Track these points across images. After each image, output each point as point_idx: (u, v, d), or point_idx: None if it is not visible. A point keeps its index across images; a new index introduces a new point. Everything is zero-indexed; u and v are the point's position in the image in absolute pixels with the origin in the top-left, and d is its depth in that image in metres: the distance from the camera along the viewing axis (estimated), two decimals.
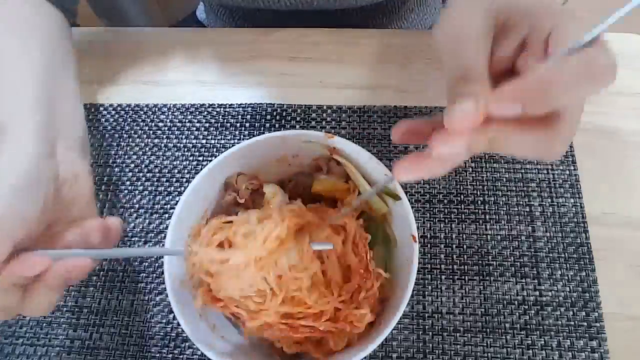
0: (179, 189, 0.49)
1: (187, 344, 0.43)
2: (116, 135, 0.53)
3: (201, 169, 0.41)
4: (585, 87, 0.23)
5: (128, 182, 0.50)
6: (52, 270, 0.31)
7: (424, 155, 0.25)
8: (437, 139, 0.24)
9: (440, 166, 0.26)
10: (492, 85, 0.25)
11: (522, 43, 0.27)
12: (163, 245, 0.40)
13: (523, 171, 0.48)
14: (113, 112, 0.54)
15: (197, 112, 0.53)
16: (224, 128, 0.52)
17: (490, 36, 0.27)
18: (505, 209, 0.47)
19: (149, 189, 0.50)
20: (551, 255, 0.45)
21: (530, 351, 0.41)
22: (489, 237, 0.46)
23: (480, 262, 0.45)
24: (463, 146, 0.24)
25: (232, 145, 0.42)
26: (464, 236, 0.46)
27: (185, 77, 0.56)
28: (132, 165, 0.51)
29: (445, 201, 0.47)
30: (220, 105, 0.54)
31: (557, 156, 0.26)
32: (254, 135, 0.48)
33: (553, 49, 0.25)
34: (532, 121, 0.24)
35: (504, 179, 0.48)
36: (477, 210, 0.47)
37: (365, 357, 0.36)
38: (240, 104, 0.54)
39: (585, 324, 0.42)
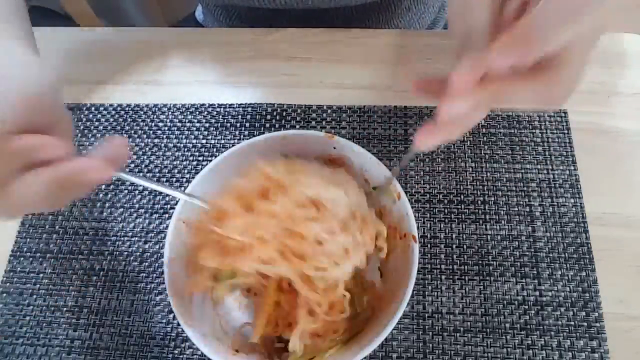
0: (179, 189, 0.49)
1: (187, 344, 0.43)
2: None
3: (201, 169, 0.41)
4: (569, 24, 0.23)
5: (128, 182, 0.50)
6: (71, 161, 0.28)
7: (437, 122, 0.27)
8: (443, 102, 0.25)
9: (455, 129, 0.27)
10: None
11: (524, 3, 0.27)
12: (163, 245, 0.40)
13: (523, 171, 0.48)
14: (113, 112, 0.54)
15: (197, 112, 0.53)
16: (224, 128, 0.52)
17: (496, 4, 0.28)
18: (505, 209, 0.47)
19: (149, 189, 0.50)
20: (551, 255, 0.45)
21: (531, 351, 0.41)
22: (489, 237, 0.46)
23: (480, 262, 0.45)
24: (467, 106, 0.25)
25: (232, 145, 0.42)
26: (464, 236, 0.46)
27: (185, 77, 0.56)
28: (132, 165, 0.51)
29: (445, 201, 0.47)
30: (220, 105, 0.54)
31: (559, 102, 0.26)
32: (254, 135, 0.48)
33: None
34: (531, 71, 0.25)
35: (504, 179, 0.48)
36: (477, 210, 0.47)
37: (365, 357, 0.36)
38: (240, 104, 0.54)
39: (585, 324, 0.42)
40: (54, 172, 0.28)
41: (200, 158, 0.51)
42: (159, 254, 0.47)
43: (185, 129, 0.53)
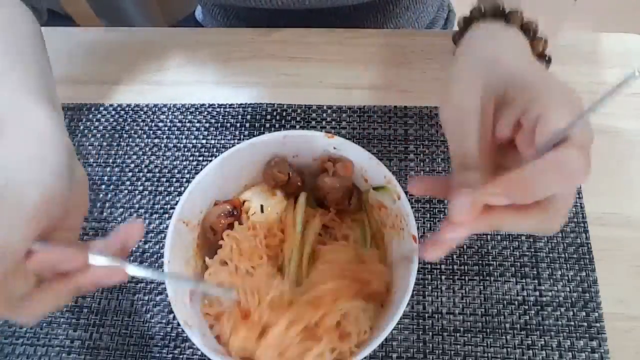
0: (179, 189, 0.49)
1: (187, 344, 0.43)
2: (116, 135, 0.53)
3: (201, 169, 0.41)
4: (558, 186, 0.26)
5: (128, 182, 0.50)
6: (90, 272, 0.29)
7: (439, 239, 0.29)
8: (446, 229, 0.28)
9: (455, 243, 0.30)
10: (493, 162, 0.29)
11: (520, 118, 0.29)
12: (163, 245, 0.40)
13: None
14: (113, 112, 0.54)
15: (197, 112, 0.53)
16: (224, 128, 0.52)
17: (488, 114, 0.30)
18: None
19: (149, 189, 0.50)
20: (551, 255, 0.45)
21: (531, 351, 0.41)
22: (489, 237, 0.46)
23: (480, 262, 0.45)
24: (467, 231, 0.28)
25: (232, 145, 0.42)
26: None
27: (185, 77, 0.56)
28: (132, 165, 0.51)
29: (446, 201, 0.47)
30: (220, 105, 0.54)
31: (553, 232, 0.29)
32: (254, 135, 0.48)
33: (537, 140, 0.27)
34: (526, 206, 0.27)
35: None
36: None
37: (365, 357, 0.35)
38: (240, 104, 0.54)
39: (585, 324, 0.42)
40: (74, 284, 0.29)
41: (200, 158, 0.51)
42: (159, 254, 0.47)
43: (185, 129, 0.53)
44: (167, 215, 0.48)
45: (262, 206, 0.42)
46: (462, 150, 0.29)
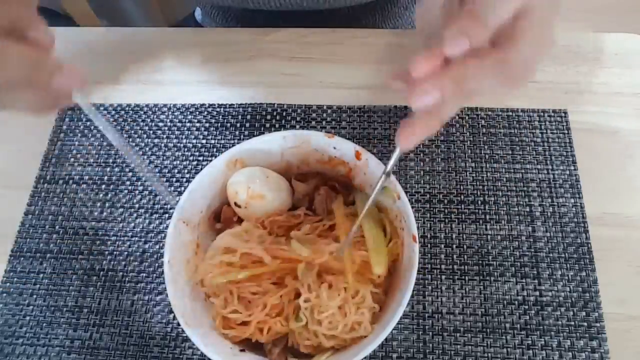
0: (179, 189, 0.49)
1: (187, 344, 0.43)
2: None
3: (201, 169, 0.41)
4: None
5: (128, 182, 0.50)
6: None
7: (414, 120, 0.27)
8: (411, 92, 0.26)
9: (431, 121, 0.27)
10: None
11: None
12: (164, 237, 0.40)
13: (523, 171, 0.48)
14: (113, 112, 0.54)
15: (197, 112, 0.53)
16: (224, 128, 0.52)
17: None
18: (505, 209, 0.47)
19: (149, 189, 0.50)
20: (551, 255, 0.45)
21: (531, 351, 0.41)
22: (489, 237, 0.46)
23: (480, 262, 0.45)
24: (433, 91, 0.25)
25: (232, 146, 0.42)
26: (464, 236, 0.46)
27: (185, 77, 0.56)
28: (133, 165, 0.51)
29: (445, 201, 0.47)
30: (220, 105, 0.54)
31: (520, 78, 0.26)
32: (254, 135, 0.48)
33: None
34: (487, 50, 0.26)
35: (504, 179, 0.48)
36: (477, 210, 0.47)
37: (365, 357, 0.36)
38: (240, 104, 0.54)
39: (585, 324, 0.42)
40: (37, 51, 0.28)
41: (200, 158, 0.51)
42: (159, 254, 0.47)
43: (185, 129, 0.53)
44: (167, 215, 0.48)
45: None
46: (429, 23, 0.29)
